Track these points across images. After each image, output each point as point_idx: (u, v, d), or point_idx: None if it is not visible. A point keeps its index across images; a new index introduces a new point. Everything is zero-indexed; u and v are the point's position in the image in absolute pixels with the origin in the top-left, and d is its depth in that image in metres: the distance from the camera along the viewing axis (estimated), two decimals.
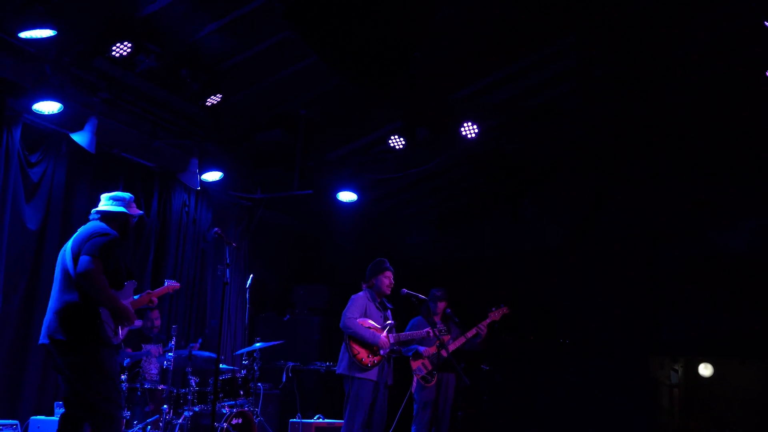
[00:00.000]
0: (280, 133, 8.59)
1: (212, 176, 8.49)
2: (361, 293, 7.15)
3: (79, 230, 5.09)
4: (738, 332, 9.51)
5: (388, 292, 7.19)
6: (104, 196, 5.26)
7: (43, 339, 4.92)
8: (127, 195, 5.30)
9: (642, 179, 10.01)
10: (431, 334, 7.23)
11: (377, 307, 7.13)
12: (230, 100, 7.72)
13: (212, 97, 7.43)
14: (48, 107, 6.60)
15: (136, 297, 5.31)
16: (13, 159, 6.85)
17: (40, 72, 6.41)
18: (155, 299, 5.64)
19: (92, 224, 5.10)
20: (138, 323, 5.32)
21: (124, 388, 6.41)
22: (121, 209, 5.18)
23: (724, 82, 8.13)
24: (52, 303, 4.95)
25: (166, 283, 5.79)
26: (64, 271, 4.93)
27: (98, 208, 5.21)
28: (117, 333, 4.95)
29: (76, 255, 4.88)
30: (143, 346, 7.36)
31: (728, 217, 9.55)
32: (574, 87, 8.51)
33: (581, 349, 9.92)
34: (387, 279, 7.16)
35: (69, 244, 5.03)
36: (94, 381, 4.76)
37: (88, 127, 7.07)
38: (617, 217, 10.20)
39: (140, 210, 5.36)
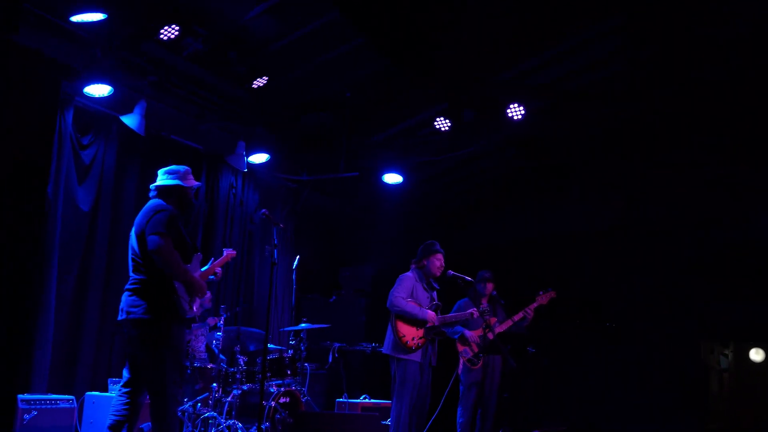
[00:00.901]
0: (326, 116, 8.60)
1: (259, 158, 8.55)
2: (409, 273, 7.15)
3: (142, 210, 5.14)
4: None
5: (438, 274, 7.17)
6: (160, 171, 5.28)
7: (121, 315, 5.00)
8: (182, 167, 5.30)
9: (689, 164, 9.82)
10: (475, 315, 7.21)
11: (424, 288, 7.12)
12: (277, 82, 7.71)
13: (258, 79, 7.45)
14: (99, 90, 6.71)
15: (202, 269, 5.36)
16: (66, 141, 6.97)
17: (91, 55, 6.49)
18: (219, 270, 5.71)
19: (150, 203, 5.15)
20: (208, 295, 5.35)
21: None
22: (176, 182, 5.19)
23: None
24: (128, 283, 5.04)
25: (224, 253, 5.85)
26: (132, 251, 5.02)
27: (155, 184, 5.25)
28: (192, 307, 5.04)
29: (139, 235, 4.96)
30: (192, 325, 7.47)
31: None
32: (621, 69, 8.35)
33: (628, 334, 9.80)
34: (438, 261, 7.15)
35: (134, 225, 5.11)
36: (163, 358, 4.84)
37: (137, 110, 7.17)
38: (662, 202, 10.02)
39: (197, 182, 5.36)
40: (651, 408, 9.41)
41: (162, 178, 5.26)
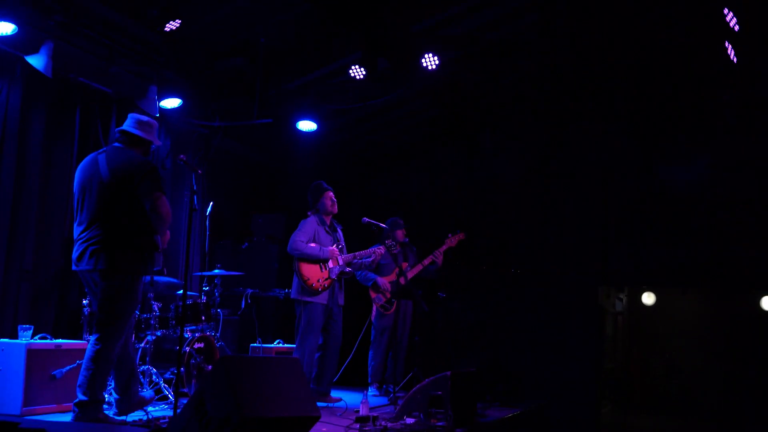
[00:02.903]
0: (240, 62, 8.44)
1: (171, 103, 8.33)
2: (309, 218, 7.21)
3: (110, 153, 5.17)
4: (680, 264, 9.81)
5: (335, 211, 7.28)
6: (133, 118, 5.30)
7: (82, 265, 5.06)
8: (154, 123, 5.39)
9: (596, 116, 10.13)
10: (379, 252, 7.32)
11: (327, 231, 7.21)
12: (190, 27, 7.52)
13: (171, 23, 7.23)
14: (2, 28, 6.37)
15: None
16: None
17: None
18: None
19: (126, 151, 5.17)
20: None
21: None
22: (149, 138, 5.29)
23: (681, 20, 8.17)
24: (89, 230, 5.04)
25: None
26: (103, 199, 5.02)
27: (126, 129, 5.24)
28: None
29: (120, 182, 4.98)
30: None
31: (676, 154, 9.77)
32: (535, 22, 8.49)
33: (533, 279, 10.14)
34: (329, 199, 7.25)
35: (102, 166, 5.06)
36: (124, 310, 5.08)
37: (43, 51, 6.85)
38: (570, 154, 10.33)
39: (161, 141, 5.69)
40: (552, 348, 9.81)
41: (134, 126, 5.24)
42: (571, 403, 9.48)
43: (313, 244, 7.03)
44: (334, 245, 7.20)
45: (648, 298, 14.44)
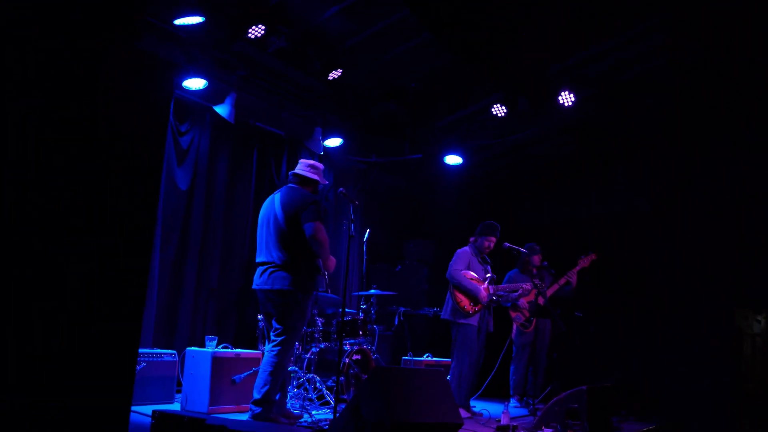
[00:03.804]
0: (393, 105, 8.72)
1: (333, 142, 8.71)
2: (466, 248, 7.23)
3: (284, 192, 5.55)
4: None
5: (486, 253, 7.27)
6: (302, 162, 5.70)
7: (262, 285, 5.43)
8: (320, 165, 5.73)
9: (728, 146, 9.62)
10: (527, 288, 7.28)
11: (479, 261, 7.21)
12: (350, 75, 7.86)
13: (333, 72, 7.58)
14: (195, 84, 6.93)
15: None
16: (167, 129, 7.22)
17: (189, 53, 6.71)
18: None
19: (298, 190, 5.53)
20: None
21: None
22: (316, 178, 5.62)
23: None
24: (267, 256, 5.43)
25: None
26: (278, 230, 5.39)
27: (297, 172, 5.64)
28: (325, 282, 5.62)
29: (291, 217, 5.33)
30: None
31: None
32: (666, 62, 8.22)
33: (669, 303, 9.71)
34: (489, 242, 7.23)
35: (276, 205, 5.46)
36: (295, 324, 5.35)
37: (228, 101, 7.41)
38: (704, 185, 9.86)
39: (326, 181, 5.87)
40: (689, 368, 9.33)
41: (303, 169, 5.64)
42: (709, 422, 8.95)
43: (470, 276, 7.05)
44: (485, 275, 7.21)
45: None
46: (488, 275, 7.17)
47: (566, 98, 8.07)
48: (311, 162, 5.70)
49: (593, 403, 5.60)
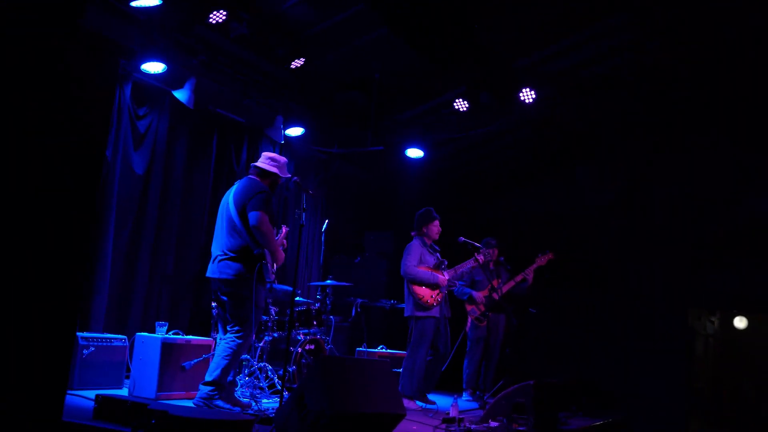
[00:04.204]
0: (356, 95, 8.69)
1: (295, 131, 8.67)
2: (414, 242, 7.27)
3: (240, 183, 5.63)
4: None
5: (437, 238, 7.32)
6: (264, 154, 5.77)
7: (212, 274, 5.51)
8: (282, 159, 5.79)
9: (688, 148, 9.79)
10: (480, 260, 7.30)
11: (429, 252, 7.25)
12: (313, 64, 7.81)
13: (296, 61, 7.54)
14: (154, 67, 6.84)
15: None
16: (124, 112, 7.15)
17: (148, 37, 6.63)
18: (285, 242, 6.10)
19: (250, 181, 5.59)
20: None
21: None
22: (275, 171, 5.66)
23: None
24: (218, 245, 5.53)
25: (283, 228, 6.09)
26: (229, 220, 5.47)
27: (257, 164, 5.71)
28: (271, 272, 5.59)
29: (240, 207, 5.41)
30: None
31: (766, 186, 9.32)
32: (628, 60, 8.32)
33: (625, 301, 9.87)
34: (435, 227, 7.28)
35: (230, 196, 5.55)
36: (248, 313, 5.38)
37: (187, 86, 7.33)
38: (663, 183, 10.02)
39: (288, 174, 5.84)
40: (641, 366, 9.50)
41: (264, 161, 5.70)
42: (658, 419, 9.15)
43: (423, 268, 7.08)
44: (438, 261, 7.24)
45: (740, 322, 13.68)
46: (441, 260, 7.22)
47: (527, 95, 8.14)
48: (272, 155, 5.77)
49: (540, 398, 5.68)
